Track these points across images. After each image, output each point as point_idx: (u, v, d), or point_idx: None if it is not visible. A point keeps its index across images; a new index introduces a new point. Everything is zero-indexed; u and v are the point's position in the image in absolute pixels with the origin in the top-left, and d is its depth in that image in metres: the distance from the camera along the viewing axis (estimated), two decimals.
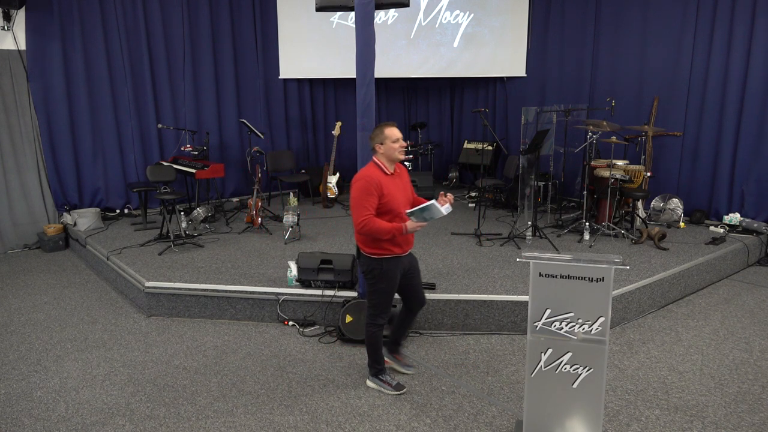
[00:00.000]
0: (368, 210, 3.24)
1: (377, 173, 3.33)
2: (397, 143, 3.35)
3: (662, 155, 7.06)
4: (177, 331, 4.57)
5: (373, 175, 3.31)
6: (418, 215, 3.24)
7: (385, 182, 3.32)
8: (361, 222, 3.24)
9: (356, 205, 3.28)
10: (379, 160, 3.40)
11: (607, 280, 2.76)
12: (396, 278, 3.46)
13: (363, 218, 3.24)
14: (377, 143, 3.37)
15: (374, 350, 3.63)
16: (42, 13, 6.75)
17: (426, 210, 3.20)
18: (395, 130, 3.37)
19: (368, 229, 3.24)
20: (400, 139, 3.36)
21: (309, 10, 8.21)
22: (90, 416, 3.40)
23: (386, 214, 3.32)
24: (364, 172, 3.34)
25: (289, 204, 8.05)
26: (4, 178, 6.76)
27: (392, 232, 3.26)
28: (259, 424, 3.31)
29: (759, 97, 6.24)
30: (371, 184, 3.27)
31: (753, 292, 5.31)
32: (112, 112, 7.37)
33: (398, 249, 3.40)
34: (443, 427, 3.26)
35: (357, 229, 3.29)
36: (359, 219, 3.25)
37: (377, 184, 3.27)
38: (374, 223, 3.24)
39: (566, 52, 8.01)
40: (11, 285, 5.73)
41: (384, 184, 3.31)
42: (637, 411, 3.38)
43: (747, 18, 6.24)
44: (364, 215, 3.24)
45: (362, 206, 3.25)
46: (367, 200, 3.25)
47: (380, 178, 3.32)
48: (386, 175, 3.37)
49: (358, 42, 4.12)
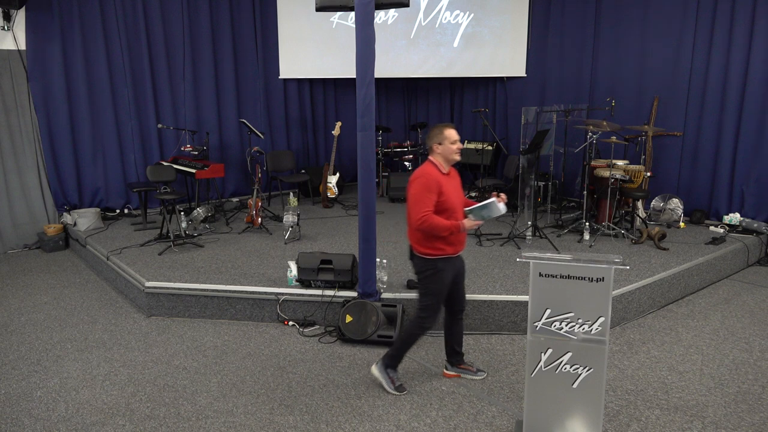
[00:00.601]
0: (428, 206, 3.25)
1: (436, 172, 3.35)
2: (455, 144, 3.35)
3: (662, 155, 7.06)
4: (177, 331, 4.57)
5: (432, 173, 3.33)
6: (477, 213, 3.25)
7: (442, 181, 3.33)
8: (421, 218, 3.24)
9: (415, 201, 3.28)
10: (435, 160, 3.40)
11: (607, 280, 2.76)
12: (448, 279, 3.45)
13: (423, 214, 3.24)
14: (435, 143, 3.38)
15: (404, 347, 3.59)
16: (42, 13, 6.75)
17: (485, 208, 3.21)
18: (454, 131, 3.37)
19: (427, 225, 3.25)
20: (458, 141, 3.37)
21: (309, 10, 8.21)
22: (90, 416, 3.40)
23: (442, 213, 3.31)
24: (424, 170, 3.35)
25: (289, 204, 8.06)
26: (4, 178, 6.76)
27: (450, 229, 3.27)
28: (259, 424, 3.31)
29: (759, 97, 6.24)
30: (432, 181, 3.28)
31: (753, 292, 5.31)
32: (112, 112, 7.37)
33: (451, 249, 3.40)
34: (443, 427, 3.26)
35: (415, 225, 3.29)
36: (419, 214, 3.25)
37: (437, 182, 3.29)
38: (433, 219, 3.24)
39: (566, 52, 8.00)
40: (11, 285, 5.73)
41: (442, 183, 3.32)
42: (637, 411, 3.38)
43: (747, 18, 6.24)
44: (424, 211, 3.24)
45: (422, 202, 3.26)
46: (427, 197, 3.26)
47: (439, 176, 3.33)
48: (442, 174, 3.38)
49: (358, 42, 4.12)
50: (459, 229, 3.30)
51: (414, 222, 3.29)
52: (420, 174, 3.34)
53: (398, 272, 5.05)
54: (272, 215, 7.25)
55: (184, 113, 7.93)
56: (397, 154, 9.05)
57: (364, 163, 4.25)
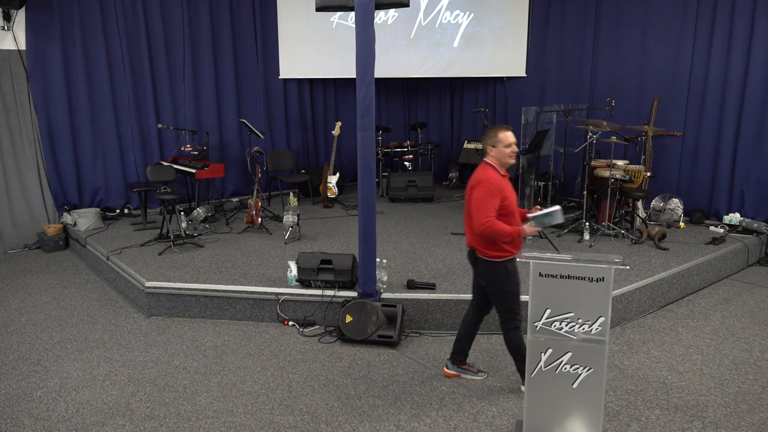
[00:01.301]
0: (491, 212, 3.22)
1: (496, 175, 3.31)
2: (509, 148, 3.30)
3: (662, 155, 7.06)
4: (177, 331, 4.57)
5: (494, 177, 3.28)
6: (540, 220, 3.23)
7: (504, 185, 3.30)
8: (485, 223, 3.21)
9: (478, 206, 3.25)
10: (491, 162, 3.36)
11: (607, 280, 2.76)
12: (519, 277, 3.42)
13: (486, 219, 3.21)
14: (489, 145, 3.34)
15: (521, 355, 3.43)
16: (42, 13, 6.75)
17: (549, 215, 3.19)
18: (509, 134, 3.31)
19: (490, 231, 3.22)
20: (513, 144, 3.31)
21: (309, 10, 8.21)
22: (90, 416, 3.40)
23: (506, 216, 3.28)
24: (485, 175, 3.29)
25: (289, 204, 8.05)
26: (4, 178, 6.76)
27: (512, 235, 3.25)
28: (259, 424, 3.31)
29: (759, 97, 6.24)
30: (495, 186, 3.25)
31: (753, 292, 5.31)
32: (112, 112, 7.37)
33: (515, 249, 3.38)
34: (443, 427, 3.26)
35: (478, 231, 3.25)
36: (482, 220, 3.21)
37: (499, 187, 3.26)
38: (496, 225, 3.21)
39: (566, 52, 8.01)
40: (11, 285, 5.73)
41: (504, 187, 3.29)
42: (637, 411, 3.38)
43: (747, 18, 6.24)
44: (488, 216, 3.21)
45: (485, 207, 3.22)
46: (490, 202, 3.23)
47: (499, 180, 3.29)
48: (502, 177, 3.34)
49: (358, 42, 4.12)
50: (520, 236, 3.28)
51: (477, 228, 3.25)
52: (483, 178, 3.28)
53: (398, 272, 5.05)
54: (272, 215, 7.25)
55: (184, 113, 7.93)
56: (397, 154, 9.04)
57: (364, 163, 4.25)
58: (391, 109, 10.20)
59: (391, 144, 9.15)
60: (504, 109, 8.96)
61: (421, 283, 4.68)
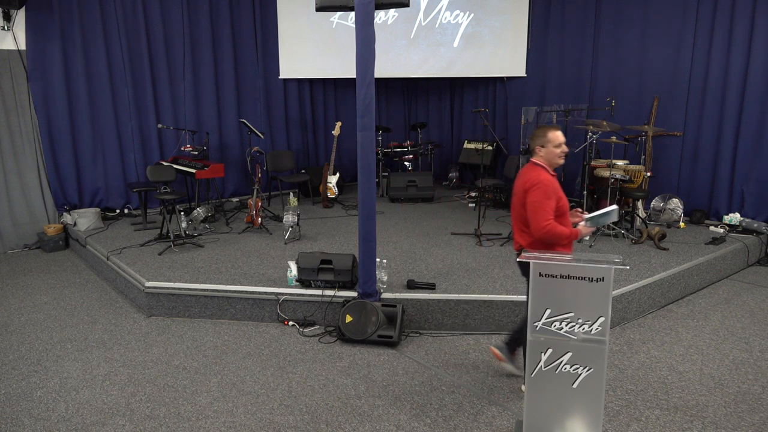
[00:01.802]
0: (550, 215, 3.18)
1: (548, 176, 3.26)
2: (558, 148, 3.25)
3: (662, 155, 7.06)
4: (177, 331, 4.57)
5: (547, 178, 3.23)
6: (596, 220, 3.17)
7: (556, 185, 3.26)
8: (545, 227, 3.17)
9: (536, 209, 3.19)
10: (540, 162, 3.31)
11: (607, 280, 2.76)
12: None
13: (546, 223, 3.17)
14: (538, 145, 3.30)
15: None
16: (42, 13, 6.75)
17: (605, 215, 3.12)
18: (559, 134, 3.26)
19: (550, 235, 3.18)
20: (562, 144, 3.26)
21: (309, 10, 8.22)
22: (90, 416, 3.40)
23: (561, 217, 3.24)
24: (538, 176, 3.23)
25: (289, 204, 8.06)
26: (4, 178, 6.76)
27: (570, 237, 3.21)
28: (259, 424, 3.31)
29: (759, 97, 6.24)
30: (550, 188, 3.20)
31: (753, 292, 5.31)
32: (112, 112, 7.37)
33: (568, 249, 3.32)
34: (443, 427, 3.26)
35: (538, 235, 3.20)
36: (541, 223, 3.17)
37: (554, 188, 3.22)
38: (555, 228, 3.17)
39: (566, 52, 8.01)
40: (11, 285, 5.73)
41: (557, 188, 3.25)
42: (637, 411, 3.38)
43: (747, 18, 6.24)
44: (547, 220, 3.17)
45: (544, 210, 3.18)
46: (548, 204, 3.19)
47: (552, 181, 3.25)
48: (552, 177, 3.30)
49: (358, 42, 4.12)
50: (577, 237, 3.24)
51: (536, 232, 3.20)
52: (536, 180, 3.22)
53: (398, 272, 5.05)
54: (272, 215, 7.25)
55: (184, 113, 7.93)
56: (397, 154, 9.05)
57: (364, 163, 4.25)
58: (391, 109, 10.20)
59: (391, 144, 9.15)
60: (504, 109, 8.96)
61: (421, 283, 4.68)
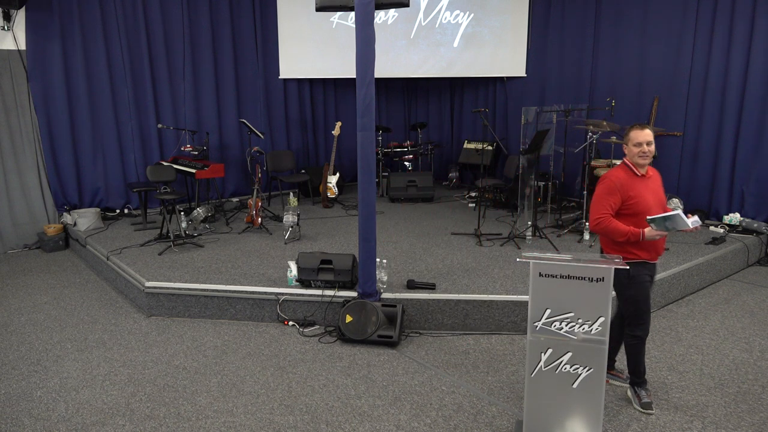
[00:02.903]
0: (606, 209, 3.20)
1: (625, 175, 3.24)
2: (637, 147, 3.20)
3: (662, 155, 7.06)
4: (177, 331, 4.57)
5: (619, 176, 3.23)
6: (660, 223, 3.11)
7: (633, 184, 3.22)
8: (597, 219, 3.20)
9: (596, 201, 3.25)
10: (628, 161, 3.30)
11: (607, 280, 2.76)
12: (646, 284, 3.28)
13: (600, 215, 3.20)
14: (624, 144, 3.31)
15: (635, 361, 3.41)
16: (42, 13, 6.75)
17: (669, 219, 3.07)
18: (641, 133, 3.20)
19: (602, 228, 3.20)
20: (642, 144, 3.19)
21: (309, 10, 8.22)
22: (90, 416, 3.40)
23: (632, 217, 3.21)
24: (612, 172, 3.27)
25: (289, 204, 8.05)
26: (4, 178, 6.76)
27: (627, 236, 3.17)
28: (259, 424, 3.31)
29: (759, 97, 6.24)
30: (615, 184, 3.20)
31: (753, 292, 5.31)
32: (112, 112, 7.37)
33: (645, 254, 3.24)
34: (443, 427, 3.26)
35: (591, 226, 3.27)
36: (595, 216, 3.21)
37: (622, 186, 3.20)
38: (609, 222, 3.18)
39: (566, 52, 8.00)
40: (11, 285, 5.73)
41: (631, 186, 3.21)
42: (637, 411, 3.38)
43: (747, 18, 6.24)
44: (601, 213, 3.20)
45: (602, 204, 3.21)
46: (607, 199, 3.20)
47: (627, 179, 3.22)
48: (636, 176, 3.25)
49: (358, 42, 4.12)
50: (638, 238, 3.15)
51: (590, 223, 3.26)
52: (607, 176, 3.26)
53: (398, 272, 5.05)
54: (272, 215, 7.25)
55: (184, 113, 7.93)
56: (397, 154, 9.05)
57: (364, 163, 4.25)
58: (391, 109, 10.20)
59: (391, 144, 9.15)
60: (504, 109, 8.96)
61: (421, 283, 4.69)
